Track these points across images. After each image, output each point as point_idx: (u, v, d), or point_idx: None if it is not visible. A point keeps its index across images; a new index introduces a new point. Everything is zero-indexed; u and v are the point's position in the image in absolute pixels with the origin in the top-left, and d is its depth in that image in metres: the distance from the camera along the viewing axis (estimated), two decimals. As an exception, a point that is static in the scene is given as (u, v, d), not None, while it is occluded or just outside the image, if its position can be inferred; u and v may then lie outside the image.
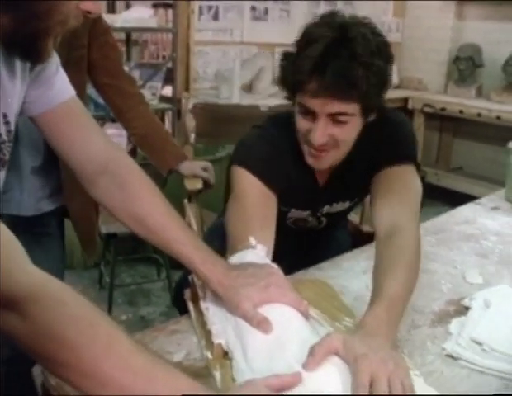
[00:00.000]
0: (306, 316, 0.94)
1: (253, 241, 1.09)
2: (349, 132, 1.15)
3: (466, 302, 1.12)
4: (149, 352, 0.70)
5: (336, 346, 0.81)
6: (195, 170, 1.80)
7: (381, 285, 0.97)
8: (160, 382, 0.67)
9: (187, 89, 3.72)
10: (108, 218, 2.88)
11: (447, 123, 4.34)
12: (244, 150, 1.26)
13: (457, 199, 1.91)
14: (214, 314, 0.97)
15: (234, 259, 1.05)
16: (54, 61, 0.92)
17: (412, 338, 1.01)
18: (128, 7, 4.04)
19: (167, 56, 4.02)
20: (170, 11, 3.78)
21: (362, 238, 1.67)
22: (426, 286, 1.19)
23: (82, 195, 1.68)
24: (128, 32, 3.94)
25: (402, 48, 4.51)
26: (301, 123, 1.17)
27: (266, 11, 3.85)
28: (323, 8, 4.13)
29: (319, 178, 1.32)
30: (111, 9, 3.91)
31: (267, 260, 1.06)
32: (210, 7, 3.66)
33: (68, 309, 0.67)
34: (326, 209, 1.38)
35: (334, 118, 1.11)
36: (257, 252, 1.06)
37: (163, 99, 3.65)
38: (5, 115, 0.84)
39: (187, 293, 1.09)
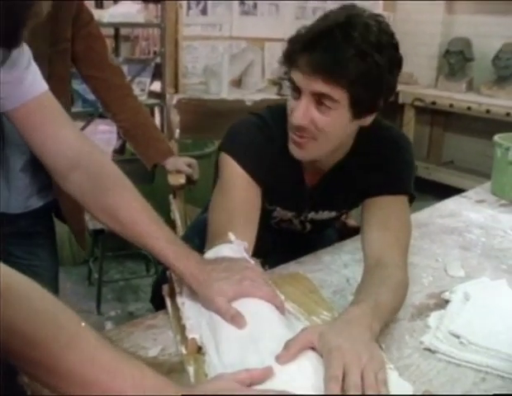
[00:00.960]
0: (282, 310, 0.94)
1: (231, 236, 1.08)
2: (332, 122, 1.07)
3: (446, 295, 1.12)
4: (115, 348, 0.69)
5: (311, 339, 0.80)
6: (178, 165, 1.79)
7: (366, 293, 0.96)
8: (127, 378, 0.66)
9: (175, 84, 3.71)
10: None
11: (437, 117, 4.34)
12: (233, 136, 1.22)
13: (449, 193, 1.90)
14: (189, 309, 0.96)
15: (210, 253, 1.04)
16: (26, 56, 0.91)
17: (390, 332, 1.00)
18: (116, 1, 4.00)
19: (158, 52, 3.99)
20: (159, 6, 3.75)
21: (347, 233, 1.66)
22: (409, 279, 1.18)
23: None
24: (117, 27, 3.92)
25: (393, 42, 4.49)
26: (290, 103, 1.11)
27: (255, 5, 3.83)
28: (312, 3, 4.12)
29: (307, 179, 1.27)
30: (100, 4, 3.88)
31: (245, 255, 1.05)
32: (198, 2, 3.65)
33: (32, 304, 0.65)
34: (311, 215, 1.35)
35: (319, 100, 1.05)
36: (233, 246, 1.06)
37: (152, 95, 3.63)
38: None
39: (165, 288, 1.08)
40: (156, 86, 3.79)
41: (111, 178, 0.96)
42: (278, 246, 1.50)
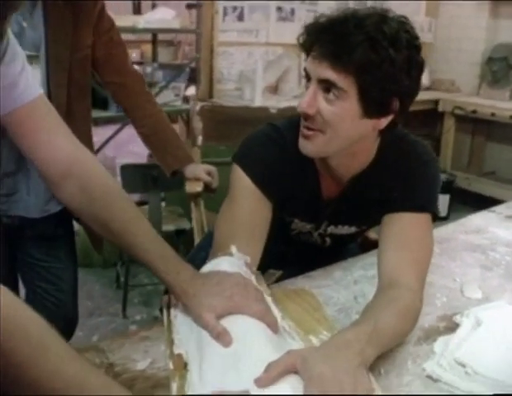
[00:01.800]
0: (275, 329, 0.90)
1: (233, 249, 1.05)
2: (340, 114, 1.01)
3: (457, 318, 1.05)
4: (84, 360, 0.67)
5: (294, 363, 0.76)
6: (197, 173, 1.77)
7: (368, 315, 0.92)
8: (93, 392, 0.64)
9: (210, 90, 3.71)
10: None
11: (479, 126, 4.19)
12: (245, 148, 1.18)
13: (489, 204, 1.79)
14: (181, 323, 0.93)
15: (208, 266, 1.01)
16: (19, 61, 0.90)
17: (393, 356, 0.95)
18: (154, 7, 4.05)
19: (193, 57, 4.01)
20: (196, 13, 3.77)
21: (369, 246, 1.60)
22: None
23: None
24: (154, 33, 3.96)
25: (434, 48, 4.38)
26: (304, 94, 1.07)
27: (292, 11, 3.80)
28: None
29: (324, 191, 1.21)
30: (137, 10, 3.94)
31: (244, 269, 1.02)
32: (234, 8, 3.63)
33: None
34: (331, 229, 1.29)
35: (326, 89, 1.00)
36: (234, 260, 1.03)
37: (186, 100, 3.65)
38: None
39: (165, 299, 1.05)
40: (192, 91, 3.81)
41: (102, 188, 0.95)
42: (299, 258, 1.46)
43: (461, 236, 1.50)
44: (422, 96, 4.29)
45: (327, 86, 1.00)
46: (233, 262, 1.01)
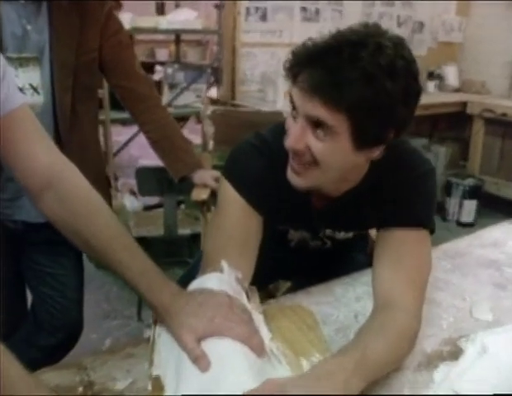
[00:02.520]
0: (259, 352, 0.85)
1: (224, 264, 1.01)
2: (330, 151, 0.94)
3: (462, 343, 0.98)
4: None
5: (271, 392, 0.71)
6: (205, 179, 1.73)
7: (357, 341, 0.86)
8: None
9: (233, 91, 3.67)
10: (140, 221, 2.89)
11: (510, 129, 4.04)
12: (232, 161, 1.14)
13: (521, 211, 1.72)
14: (163, 342, 0.89)
15: (195, 284, 0.97)
16: (3, 72, 0.87)
17: (389, 383, 0.89)
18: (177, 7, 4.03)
19: (215, 58, 3.98)
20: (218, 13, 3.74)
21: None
22: (424, 320, 1.05)
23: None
24: (177, 33, 3.95)
25: (464, 48, 4.26)
26: (288, 122, 1.00)
27: (317, 11, 3.73)
28: (378, 8, 3.97)
29: (314, 202, 1.15)
30: (161, 10, 3.93)
31: (235, 285, 0.98)
32: (257, 8, 3.59)
33: None
34: (328, 232, 1.25)
35: (315, 124, 0.93)
36: (223, 276, 0.98)
37: (208, 101, 3.62)
38: None
39: (153, 315, 1.02)
40: (214, 92, 3.78)
41: (82, 201, 0.92)
42: (305, 267, 1.41)
43: (476, 250, 1.42)
44: (450, 98, 4.18)
45: (316, 122, 0.93)
46: (222, 279, 0.97)
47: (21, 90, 1.22)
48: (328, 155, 0.95)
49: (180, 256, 3.05)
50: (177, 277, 3.26)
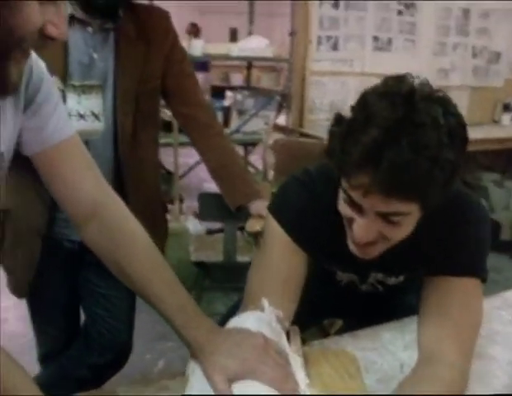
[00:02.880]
0: (291, 399, 0.82)
1: (265, 303, 0.99)
2: (403, 230, 0.92)
3: (515, 407, 0.91)
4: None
5: None
6: (261, 210, 1.72)
7: (399, 393, 0.82)
8: None
9: (301, 120, 3.67)
10: (200, 245, 2.92)
11: None
12: (279, 197, 1.13)
13: None
14: (197, 379, 0.88)
15: (234, 322, 0.96)
16: (52, 102, 0.90)
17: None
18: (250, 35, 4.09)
19: (284, 86, 4.01)
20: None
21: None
22: (474, 376, 0.97)
23: (151, 223, 1.70)
24: (249, 61, 4.02)
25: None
26: (343, 207, 0.95)
27: (389, 41, 3.68)
28: (452, 39, 3.86)
29: None
30: (233, 37, 4.01)
31: (275, 325, 0.95)
32: (329, 37, 3.58)
33: None
34: (380, 277, 1.20)
35: (386, 217, 0.89)
36: (263, 315, 0.96)
37: (276, 128, 3.65)
38: None
39: (191, 349, 1.01)
40: (282, 120, 3.80)
41: (123, 233, 0.93)
42: (354, 307, 1.37)
43: (543, 302, 1.32)
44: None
45: (386, 215, 0.89)
46: (261, 319, 0.95)
47: (81, 116, 1.26)
48: (400, 234, 0.93)
49: (238, 282, 3.04)
50: (233, 303, 3.29)
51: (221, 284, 2.97)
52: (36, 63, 0.88)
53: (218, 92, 5.13)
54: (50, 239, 1.48)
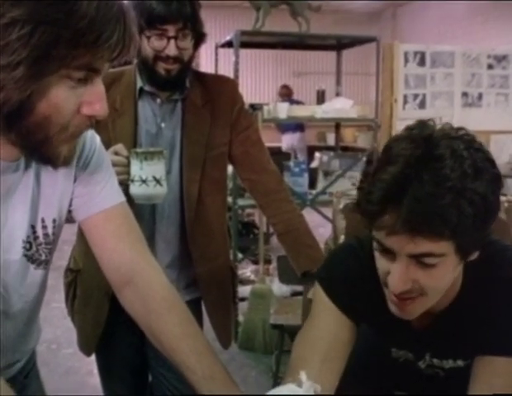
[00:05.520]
0: None
1: (303, 376, 0.95)
2: (440, 277, 0.88)
3: None
4: None
5: None
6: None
7: None
8: None
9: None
10: (280, 308, 2.88)
11: None
12: (328, 265, 1.10)
13: None
14: None
15: (270, 393, 0.92)
16: (103, 170, 0.95)
17: None
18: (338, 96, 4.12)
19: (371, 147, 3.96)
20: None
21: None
22: None
23: (218, 288, 1.71)
24: (337, 122, 4.04)
25: None
26: (380, 261, 0.93)
27: (480, 96, 3.55)
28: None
29: (413, 320, 1.04)
30: (321, 99, 4.06)
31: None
32: (416, 95, 3.53)
33: None
34: (436, 362, 1.10)
35: (419, 260, 0.86)
36: (299, 390, 0.92)
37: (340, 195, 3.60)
38: (43, 220, 0.89)
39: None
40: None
41: (156, 300, 0.94)
42: (415, 390, 1.27)
43: None
44: None
45: (419, 257, 0.86)
46: (296, 392, 0.91)
47: (143, 181, 1.32)
48: (438, 282, 0.89)
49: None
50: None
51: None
52: (91, 137, 0.95)
53: (313, 151, 5.18)
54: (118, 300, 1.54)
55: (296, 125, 7.86)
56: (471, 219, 0.82)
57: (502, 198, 1.00)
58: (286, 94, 8.02)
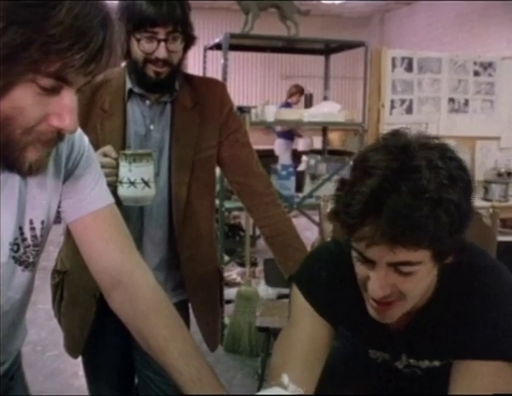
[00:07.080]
0: None
1: (285, 379, 0.97)
2: (417, 281, 0.91)
3: None
4: None
5: None
6: (314, 275, 1.69)
7: None
8: None
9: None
10: (266, 311, 2.88)
11: None
12: (306, 268, 1.11)
13: None
14: None
15: (256, 396, 0.93)
16: (92, 173, 0.95)
17: None
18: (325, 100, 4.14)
19: (357, 151, 3.99)
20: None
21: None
22: None
23: (206, 290, 1.71)
24: (324, 125, 4.06)
25: None
26: (359, 268, 0.95)
27: (466, 102, 3.59)
28: (536, 98, 3.69)
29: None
30: (309, 103, 4.09)
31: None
32: (403, 101, 3.55)
33: None
34: (412, 361, 1.12)
35: (397, 268, 0.89)
36: (281, 392, 0.94)
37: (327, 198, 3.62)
38: (31, 222, 0.89)
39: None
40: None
41: (145, 302, 0.94)
42: (392, 389, 1.28)
43: None
44: None
45: (398, 265, 0.89)
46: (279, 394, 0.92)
47: (132, 183, 1.32)
48: (416, 287, 0.92)
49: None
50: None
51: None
52: (79, 138, 0.94)
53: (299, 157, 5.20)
54: (105, 301, 1.53)
55: (287, 133, 7.72)
56: (447, 228, 0.84)
57: (487, 203, 1.02)
58: (298, 92, 7.41)
